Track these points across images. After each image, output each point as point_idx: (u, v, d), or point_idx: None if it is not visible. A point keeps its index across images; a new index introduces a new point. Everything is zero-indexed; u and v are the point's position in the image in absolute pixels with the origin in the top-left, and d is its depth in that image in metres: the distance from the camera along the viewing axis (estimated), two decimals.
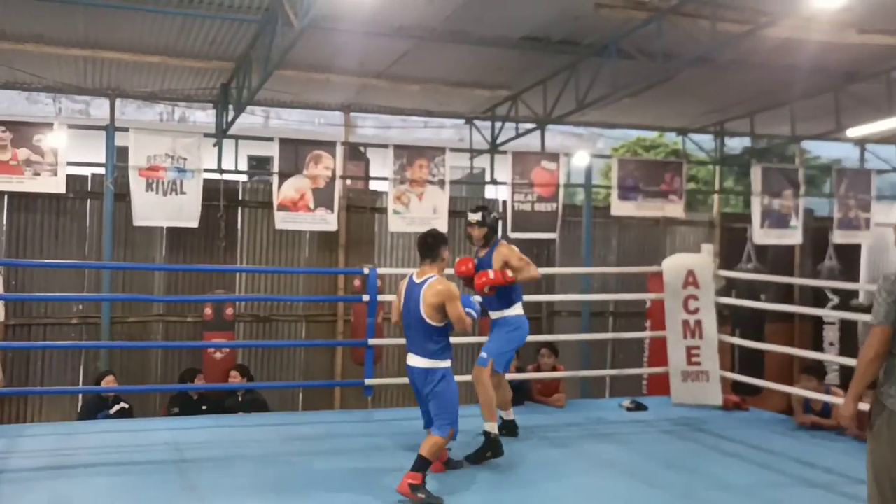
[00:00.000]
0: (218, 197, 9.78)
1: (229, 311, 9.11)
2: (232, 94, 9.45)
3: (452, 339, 5.12)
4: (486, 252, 5.82)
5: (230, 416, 7.44)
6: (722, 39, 7.34)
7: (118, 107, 10.29)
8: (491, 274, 5.64)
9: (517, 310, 5.84)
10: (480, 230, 5.80)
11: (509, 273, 5.66)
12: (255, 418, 7.19)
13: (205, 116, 12.46)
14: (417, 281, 5.06)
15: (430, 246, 5.12)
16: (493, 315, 5.89)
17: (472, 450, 5.54)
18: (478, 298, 5.79)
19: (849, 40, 8.10)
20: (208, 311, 8.99)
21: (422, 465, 4.75)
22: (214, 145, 9.88)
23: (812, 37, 7.93)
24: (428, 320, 4.93)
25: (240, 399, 7.98)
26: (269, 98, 10.33)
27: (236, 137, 9.99)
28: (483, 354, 5.77)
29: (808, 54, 8.52)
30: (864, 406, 6.22)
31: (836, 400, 6.59)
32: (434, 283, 4.96)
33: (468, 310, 5.02)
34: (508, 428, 6.18)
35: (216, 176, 9.82)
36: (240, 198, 10.18)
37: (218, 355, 8.82)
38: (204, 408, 7.90)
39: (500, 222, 5.87)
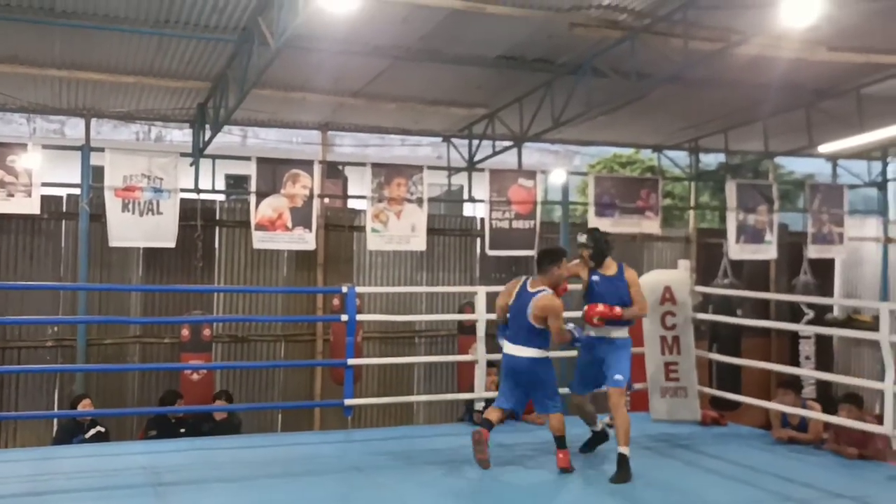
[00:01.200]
0: (195, 217, 9.74)
1: (207, 331, 9.04)
2: (209, 113, 9.44)
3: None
4: (616, 271, 6.05)
5: (209, 438, 7.35)
6: (694, 58, 7.43)
7: (93, 126, 10.24)
8: (602, 308, 5.91)
9: (626, 331, 6.02)
10: (587, 251, 6.10)
11: (619, 310, 5.88)
12: (235, 440, 7.11)
13: (181, 135, 12.41)
14: (531, 290, 5.67)
15: (539, 260, 5.84)
16: (602, 333, 5.98)
17: None
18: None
19: (819, 58, 8.24)
20: (185, 332, 8.92)
21: (560, 442, 5.52)
22: (191, 165, 9.85)
23: (783, 54, 8.05)
24: (533, 324, 5.60)
25: (217, 423, 7.88)
26: (246, 117, 10.32)
27: (213, 157, 9.98)
28: (618, 377, 5.83)
29: (779, 72, 8.65)
30: (843, 421, 6.32)
31: (813, 414, 6.65)
32: (541, 298, 5.59)
33: (568, 326, 5.64)
34: (601, 435, 6.23)
35: (193, 196, 9.78)
36: (217, 217, 10.15)
37: (195, 377, 8.74)
38: (182, 430, 7.81)
39: (608, 243, 6.23)
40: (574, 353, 6.23)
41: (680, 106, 10.30)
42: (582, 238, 6.18)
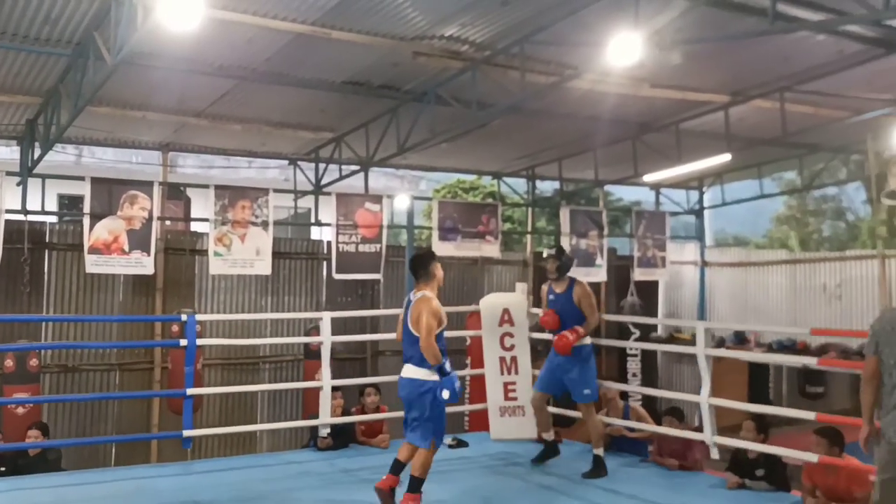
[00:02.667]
0: (22, 239, 9.19)
1: (33, 361, 8.49)
2: (39, 130, 8.94)
3: None
4: (565, 289, 6.82)
5: (32, 476, 6.87)
6: (531, 90, 7.83)
7: None
8: (570, 336, 6.62)
9: (587, 339, 6.78)
10: (554, 263, 6.84)
11: (581, 329, 6.65)
12: (61, 477, 6.71)
13: (9, 153, 11.65)
14: (412, 298, 5.40)
15: (413, 272, 5.55)
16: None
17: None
18: None
19: (643, 94, 8.88)
20: (9, 362, 8.33)
21: (416, 485, 5.10)
22: (18, 184, 9.28)
23: (612, 90, 8.60)
24: (413, 332, 5.23)
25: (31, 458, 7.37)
26: (82, 135, 9.85)
27: (43, 176, 9.45)
28: (587, 392, 6.65)
29: (608, 106, 9.23)
30: (668, 430, 6.81)
31: (640, 425, 7.16)
32: (418, 300, 5.30)
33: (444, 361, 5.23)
34: (552, 449, 6.91)
35: (20, 217, 9.22)
36: (47, 240, 9.60)
37: (20, 411, 8.17)
38: (2, 469, 7.26)
39: (574, 262, 7.29)
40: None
41: (518, 135, 10.77)
42: (551, 251, 6.99)
